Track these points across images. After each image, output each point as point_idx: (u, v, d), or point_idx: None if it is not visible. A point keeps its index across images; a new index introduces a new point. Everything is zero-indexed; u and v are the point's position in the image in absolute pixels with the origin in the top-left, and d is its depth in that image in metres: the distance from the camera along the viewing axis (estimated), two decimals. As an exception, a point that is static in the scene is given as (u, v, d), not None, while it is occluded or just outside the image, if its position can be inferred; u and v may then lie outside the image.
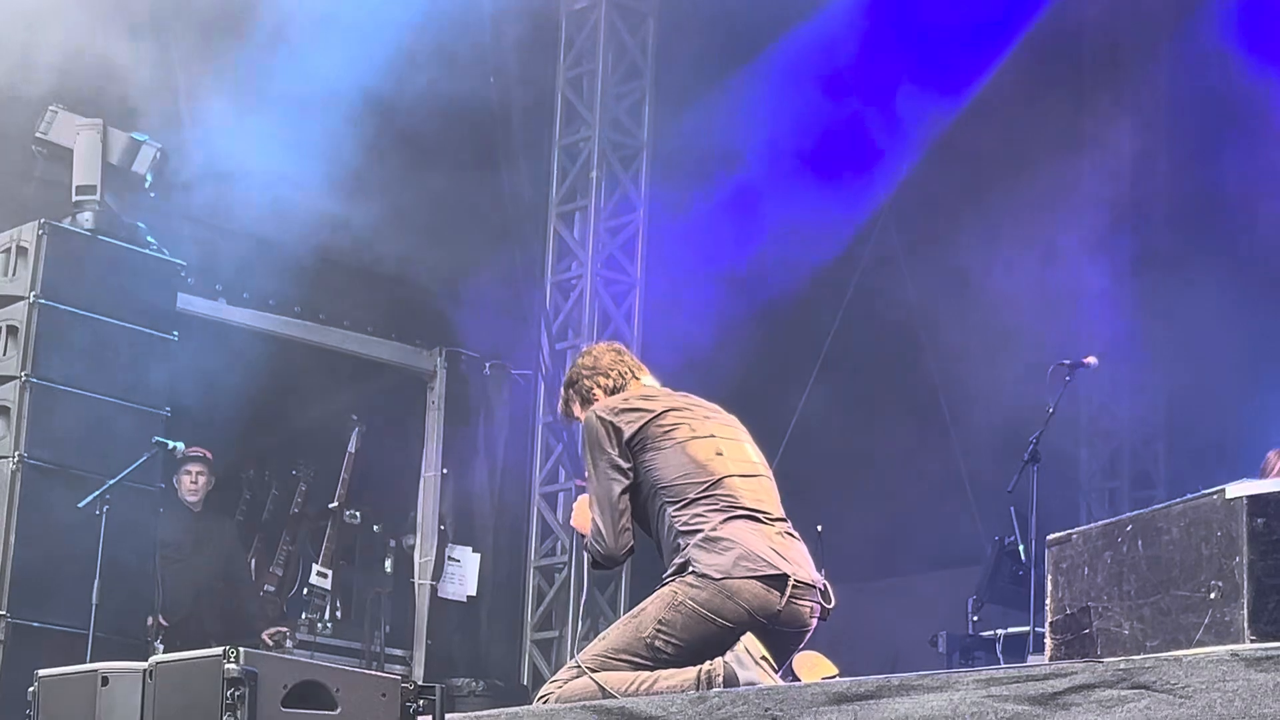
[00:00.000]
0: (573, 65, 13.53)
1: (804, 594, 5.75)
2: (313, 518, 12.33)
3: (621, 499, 5.91)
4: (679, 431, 5.93)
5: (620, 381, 6.24)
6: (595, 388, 6.24)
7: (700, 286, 12.55)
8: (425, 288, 12.62)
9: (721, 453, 5.93)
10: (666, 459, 5.88)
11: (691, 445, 5.90)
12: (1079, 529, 4.54)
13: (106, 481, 8.81)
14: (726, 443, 5.99)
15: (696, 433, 5.94)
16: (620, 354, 6.36)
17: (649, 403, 6.01)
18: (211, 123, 10.76)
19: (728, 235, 12.72)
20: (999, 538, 10.54)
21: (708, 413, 6.11)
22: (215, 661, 4.04)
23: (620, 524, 5.92)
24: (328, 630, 12.14)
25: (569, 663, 5.95)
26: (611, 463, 5.91)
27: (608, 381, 6.24)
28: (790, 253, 12.93)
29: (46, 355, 8.93)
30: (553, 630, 12.85)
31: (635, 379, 6.26)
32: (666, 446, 5.90)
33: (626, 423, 5.92)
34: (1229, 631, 3.92)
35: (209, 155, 10.74)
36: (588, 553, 6.05)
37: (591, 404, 6.21)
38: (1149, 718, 3.69)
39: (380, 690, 4.29)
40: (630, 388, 6.21)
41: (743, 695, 4.57)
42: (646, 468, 5.91)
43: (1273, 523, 3.93)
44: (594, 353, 6.38)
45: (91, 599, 8.59)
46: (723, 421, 6.11)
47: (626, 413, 5.95)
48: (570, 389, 6.32)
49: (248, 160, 10.66)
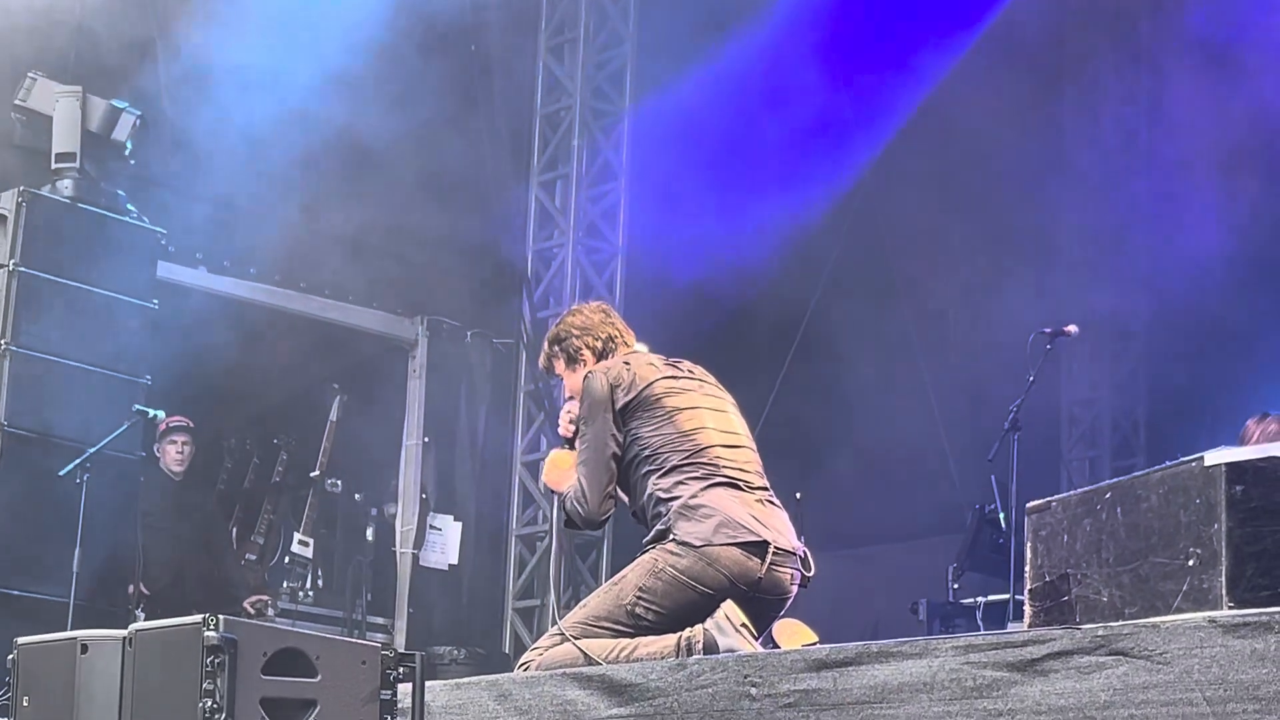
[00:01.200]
0: (554, 33, 13.50)
1: (784, 561, 5.77)
2: (294, 486, 12.32)
3: (611, 463, 5.92)
4: (667, 400, 5.94)
5: (610, 345, 6.24)
6: (584, 348, 6.24)
7: (681, 254, 12.54)
8: (406, 256, 12.59)
9: (705, 423, 5.94)
10: (652, 427, 5.90)
11: (678, 415, 5.92)
12: (1058, 496, 4.55)
13: (87, 450, 8.79)
14: (711, 413, 6.00)
15: (681, 403, 5.95)
16: (609, 315, 6.35)
17: (645, 370, 6.01)
18: (191, 90, 10.72)
19: (709, 202, 12.70)
20: (979, 506, 10.57)
21: (695, 381, 6.11)
22: (195, 629, 4.04)
23: (606, 489, 5.93)
24: (309, 598, 12.15)
25: (550, 630, 5.96)
26: (608, 425, 5.91)
27: (596, 343, 6.24)
28: (771, 221, 12.92)
29: (26, 323, 8.91)
30: (534, 599, 12.87)
31: (624, 343, 6.26)
32: (654, 415, 5.92)
33: (624, 390, 5.93)
34: (1207, 598, 3.93)
35: (189, 122, 10.71)
36: (564, 511, 6.03)
37: (577, 363, 6.21)
38: (1127, 684, 3.71)
39: (361, 658, 4.29)
40: (619, 352, 6.21)
41: (722, 662, 4.59)
42: (633, 435, 5.92)
43: (1251, 490, 3.94)
44: (584, 312, 6.37)
45: (72, 567, 8.58)
46: (708, 391, 6.11)
47: (624, 378, 5.95)
48: (556, 345, 6.31)
49: (228, 128, 10.62)
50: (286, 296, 12.15)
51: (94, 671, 4.30)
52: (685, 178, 12.86)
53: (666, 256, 12.74)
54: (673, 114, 13.06)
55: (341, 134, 11.26)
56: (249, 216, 11.29)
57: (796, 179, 12.96)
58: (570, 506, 5.99)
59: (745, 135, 12.88)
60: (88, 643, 4.35)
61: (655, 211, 13.03)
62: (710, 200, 12.73)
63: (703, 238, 12.59)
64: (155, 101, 10.51)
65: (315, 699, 4.16)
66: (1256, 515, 3.93)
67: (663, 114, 13.13)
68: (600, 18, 13.44)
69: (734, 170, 12.81)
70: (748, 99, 12.90)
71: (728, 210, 12.74)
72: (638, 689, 4.68)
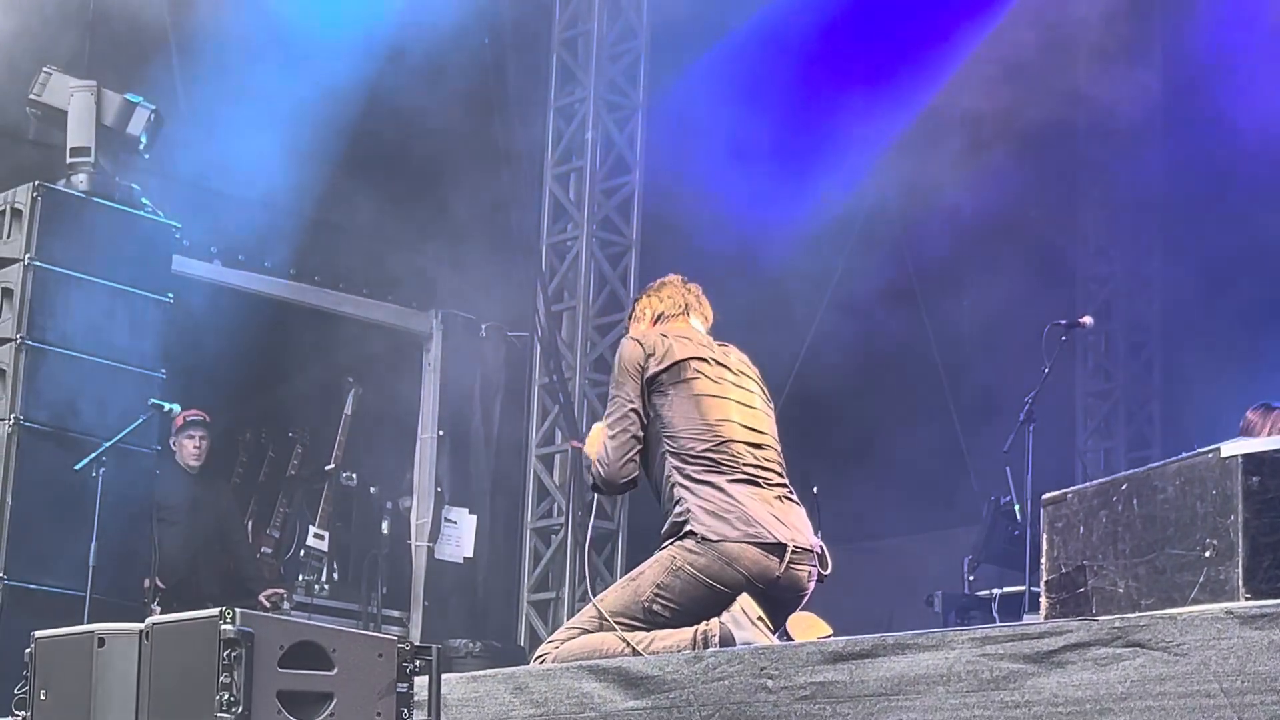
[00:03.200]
0: (568, 26, 13.49)
1: (802, 559, 5.77)
2: (309, 480, 12.33)
3: (633, 428, 5.90)
4: (696, 384, 5.91)
5: (672, 310, 6.22)
6: (647, 308, 6.25)
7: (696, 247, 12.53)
8: (421, 250, 12.60)
9: (730, 415, 5.91)
10: (676, 408, 5.88)
11: (705, 401, 5.89)
12: (1074, 488, 4.54)
13: (103, 444, 8.80)
14: (739, 406, 5.97)
15: (711, 390, 5.92)
16: (685, 287, 6.33)
17: (681, 345, 5.99)
18: (207, 85, 10.73)
19: (725, 195, 12.68)
20: (995, 498, 10.55)
21: (733, 370, 6.07)
22: (212, 623, 4.04)
23: (627, 453, 5.89)
24: (324, 592, 12.16)
25: (566, 623, 5.97)
26: (634, 392, 5.90)
27: (660, 306, 6.24)
28: (787, 214, 12.91)
29: (41, 318, 8.90)
30: (549, 591, 12.87)
31: (685, 316, 6.24)
32: (681, 396, 5.89)
33: (654, 361, 5.91)
34: (1224, 590, 3.92)
35: (204, 117, 10.72)
36: (590, 474, 6.02)
37: (636, 323, 6.23)
38: (1144, 675, 3.70)
39: (377, 650, 4.29)
40: (675, 322, 6.19)
41: (738, 654, 4.58)
42: (656, 412, 5.90)
43: (1268, 481, 3.93)
44: (664, 279, 6.39)
45: (88, 561, 8.58)
46: (742, 382, 6.08)
47: (658, 348, 5.94)
48: (633, 308, 6.37)
49: (242, 122, 10.63)
50: (301, 290, 12.16)
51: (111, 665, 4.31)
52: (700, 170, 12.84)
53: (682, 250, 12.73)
54: (687, 106, 13.05)
55: (355, 127, 11.26)
56: (264, 210, 11.30)
57: (812, 172, 12.94)
58: (594, 469, 5.97)
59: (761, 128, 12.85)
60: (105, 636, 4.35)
61: (670, 204, 13.02)
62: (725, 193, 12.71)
63: (718, 231, 12.58)
64: (170, 96, 10.51)
65: (332, 692, 4.16)
66: (1273, 506, 3.92)
67: (677, 106, 13.12)
68: (614, 10, 13.43)
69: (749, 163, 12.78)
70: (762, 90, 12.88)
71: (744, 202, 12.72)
72: (654, 681, 4.68)
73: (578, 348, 12.91)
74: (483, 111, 12.72)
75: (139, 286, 9.28)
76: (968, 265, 13.59)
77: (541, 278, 13.12)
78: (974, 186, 13.03)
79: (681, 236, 12.67)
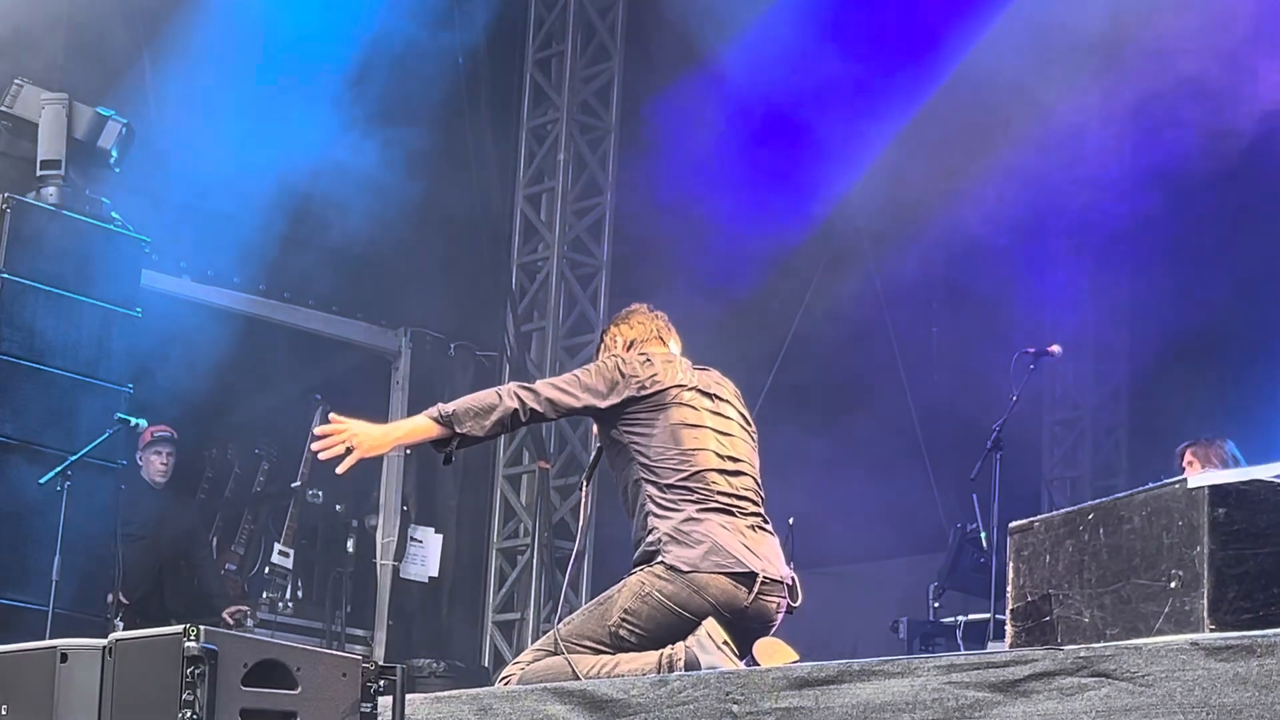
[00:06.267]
0: (541, 47, 13.51)
1: (771, 590, 5.77)
2: (275, 497, 12.30)
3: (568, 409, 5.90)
4: (675, 413, 5.90)
5: (644, 335, 6.22)
6: (618, 335, 6.25)
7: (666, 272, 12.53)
8: (390, 267, 12.58)
9: (707, 445, 5.89)
10: (653, 437, 5.86)
11: (682, 432, 5.87)
12: (1041, 517, 4.56)
13: (68, 458, 8.76)
14: (716, 435, 5.95)
15: (689, 418, 5.91)
16: (655, 316, 6.33)
17: (664, 369, 5.97)
18: (178, 99, 10.71)
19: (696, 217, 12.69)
20: (961, 525, 10.57)
21: (712, 396, 6.05)
22: (175, 640, 4.02)
23: (543, 411, 5.86)
24: (289, 609, 12.12)
25: (532, 645, 5.96)
26: (594, 398, 5.88)
27: (631, 334, 6.23)
28: (755, 241, 12.92)
29: (9, 330, 8.87)
30: (514, 612, 12.85)
31: (660, 341, 6.24)
32: (656, 421, 5.88)
33: (635, 383, 5.90)
34: (1189, 620, 3.93)
35: (175, 131, 10.69)
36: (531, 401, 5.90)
37: (605, 349, 6.21)
38: (1109, 706, 3.71)
39: (341, 670, 4.27)
40: (651, 345, 6.20)
41: (704, 679, 4.58)
42: (631, 435, 5.89)
43: (1234, 513, 3.95)
44: (630, 308, 6.38)
45: (52, 576, 8.55)
46: (721, 411, 6.04)
47: (639, 372, 5.92)
48: (602, 338, 6.37)
49: (213, 137, 10.62)
50: (270, 306, 12.14)
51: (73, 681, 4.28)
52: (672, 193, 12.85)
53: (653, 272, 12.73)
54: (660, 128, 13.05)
55: (326, 145, 11.25)
56: (233, 226, 11.28)
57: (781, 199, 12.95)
58: (534, 397, 5.88)
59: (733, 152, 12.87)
60: (67, 651, 4.33)
61: (642, 226, 13.02)
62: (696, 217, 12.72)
63: (689, 254, 12.59)
64: (142, 109, 10.49)
65: (295, 711, 4.14)
66: (1239, 538, 3.94)
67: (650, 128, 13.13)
68: (588, 32, 13.46)
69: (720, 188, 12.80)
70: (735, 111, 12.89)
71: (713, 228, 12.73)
72: (619, 704, 4.67)
73: (546, 368, 12.90)
74: (455, 130, 12.71)
75: (108, 300, 9.26)
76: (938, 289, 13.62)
77: (511, 297, 13.12)
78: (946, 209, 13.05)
79: (652, 259, 12.67)
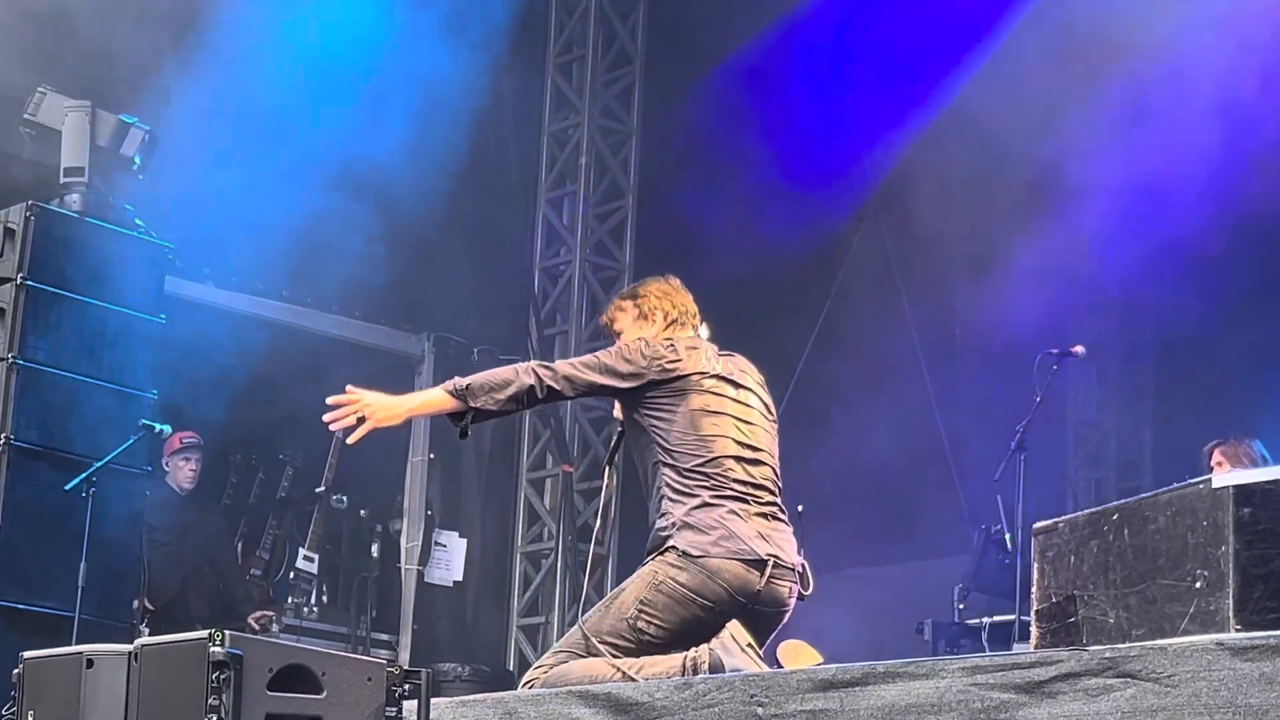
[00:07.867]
0: (562, 51, 13.52)
1: (783, 575, 5.81)
2: (299, 502, 12.31)
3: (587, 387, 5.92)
4: (696, 399, 5.92)
5: (683, 320, 6.24)
6: (659, 311, 6.25)
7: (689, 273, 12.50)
8: (413, 273, 12.59)
9: (726, 432, 5.92)
10: (674, 418, 5.89)
11: (702, 419, 5.90)
12: (1065, 517, 4.55)
13: (93, 464, 8.78)
14: (735, 423, 5.98)
15: (710, 405, 5.94)
16: (688, 294, 6.38)
17: (690, 357, 5.99)
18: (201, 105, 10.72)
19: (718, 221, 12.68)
20: (985, 526, 10.54)
21: (735, 385, 6.07)
22: (201, 645, 4.03)
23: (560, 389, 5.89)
24: (314, 614, 12.13)
25: (554, 647, 5.96)
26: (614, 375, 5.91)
27: (674, 313, 6.26)
28: (779, 238, 12.89)
29: (33, 337, 8.88)
30: (539, 616, 12.86)
31: (693, 326, 6.26)
32: (677, 407, 5.91)
33: (661, 366, 5.92)
34: (1214, 621, 3.92)
35: (198, 138, 10.71)
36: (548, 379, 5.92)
37: (647, 320, 6.21)
38: (1135, 706, 3.70)
39: (366, 674, 4.28)
40: (683, 330, 6.21)
41: (728, 681, 4.58)
42: (651, 419, 5.92)
43: (1259, 512, 3.94)
44: (673, 284, 6.39)
45: (78, 582, 8.56)
46: (743, 399, 6.07)
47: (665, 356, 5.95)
48: (630, 300, 6.33)
49: (237, 142, 10.63)
50: (293, 312, 12.16)
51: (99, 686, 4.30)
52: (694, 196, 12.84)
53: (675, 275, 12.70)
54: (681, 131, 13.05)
55: (348, 150, 11.26)
56: (257, 231, 11.29)
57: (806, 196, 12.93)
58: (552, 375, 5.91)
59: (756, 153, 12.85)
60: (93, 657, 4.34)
61: (664, 229, 13.01)
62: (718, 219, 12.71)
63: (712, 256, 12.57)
64: (164, 116, 10.51)
65: (320, 715, 4.15)
66: (1264, 538, 3.92)
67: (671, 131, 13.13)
68: (609, 36, 13.46)
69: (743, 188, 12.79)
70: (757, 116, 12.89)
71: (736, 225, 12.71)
72: (644, 707, 4.67)
73: (569, 372, 12.90)
74: (477, 135, 12.71)
75: (131, 307, 9.26)
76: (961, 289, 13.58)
77: (534, 302, 13.12)
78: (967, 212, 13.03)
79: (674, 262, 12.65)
